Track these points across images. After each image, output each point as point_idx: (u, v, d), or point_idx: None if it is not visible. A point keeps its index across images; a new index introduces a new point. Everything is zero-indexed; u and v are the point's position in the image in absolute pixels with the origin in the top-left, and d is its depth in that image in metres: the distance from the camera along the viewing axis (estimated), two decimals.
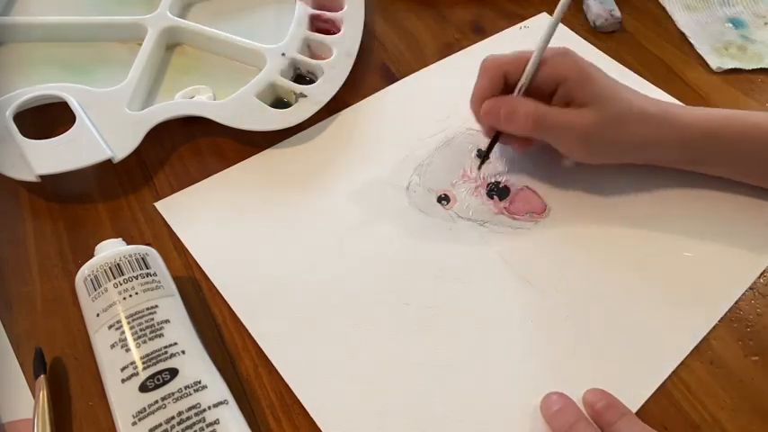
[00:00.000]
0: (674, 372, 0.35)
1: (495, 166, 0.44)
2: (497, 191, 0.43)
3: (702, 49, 0.54)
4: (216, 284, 0.37)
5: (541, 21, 0.56)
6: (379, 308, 0.37)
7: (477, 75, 0.41)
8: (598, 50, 0.53)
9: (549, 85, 0.39)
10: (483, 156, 0.43)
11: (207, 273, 0.37)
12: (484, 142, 0.44)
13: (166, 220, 0.40)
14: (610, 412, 0.32)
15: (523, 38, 0.54)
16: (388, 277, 0.38)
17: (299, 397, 0.33)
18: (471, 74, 0.41)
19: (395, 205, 0.42)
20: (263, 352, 0.34)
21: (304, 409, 0.33)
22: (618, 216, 0.41)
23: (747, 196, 0.42)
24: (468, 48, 0.53)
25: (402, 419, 0.32)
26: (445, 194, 0.42)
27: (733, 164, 0.41)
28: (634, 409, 0.33)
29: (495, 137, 0.42)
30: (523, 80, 0.39)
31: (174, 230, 0.39)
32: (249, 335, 0.35)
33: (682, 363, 0.35)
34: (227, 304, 0.36)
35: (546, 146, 0.41)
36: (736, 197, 0.42)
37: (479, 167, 0.43)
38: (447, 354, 0.35)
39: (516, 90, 0.39)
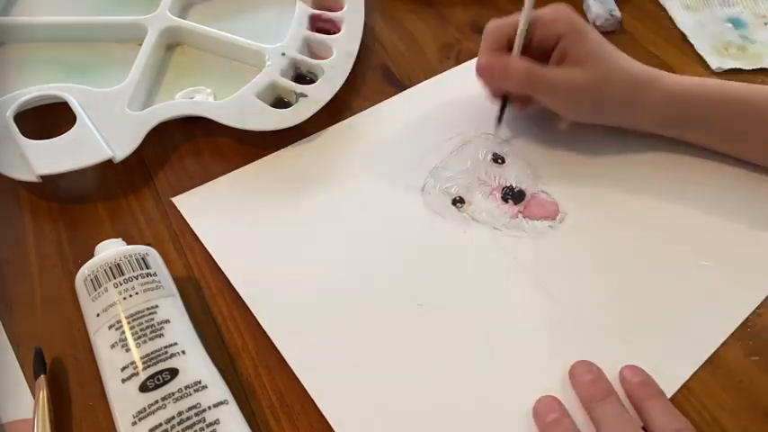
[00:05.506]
0: None
1: (511, 170, 0.44)
2: (512, 195, 0.43)
3: (702, 49, 0.54)
4: (231, 280, 0.37)
5: None
6: (393, 308, 0.36)
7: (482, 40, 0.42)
8: None
9: (549, 42, 0.41)
10: (498, 117, 0.44)
11: (223, 269, 0.37)
12: (499, 146, 0.45)
13: (183, 215, 0.40)
14: (643, 390, 0.32)
15: None
16: (402, 278, 0.38)
17: (311, 394, 0.33)
18: None
19: (409, 206, 0.42)
20: (263, 352, 0.34)
21: (304, 408, 0.33)
22: (634, 222, 0.41)
23: None
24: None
25: (412, 419, 0.32)
26: (460, 197, 0.42)
27: (711, 126, 0.42)
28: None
29: (505, 97, 0.44)
30: (518, 40, 0.40)
31: (191, 226, 0.40)
32: (249, 335, 0.35)
33: None
34: (228, 304, 0.36)
35: (561, 146, 0.42)
36: (756, 204, 0.42)
37: (496, 126, 0.45)
38: (458, 356, 0.35)
39: (514, 50, 0.41)
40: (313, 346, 0.35)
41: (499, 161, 0.44)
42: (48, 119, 0.43)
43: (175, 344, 0.31)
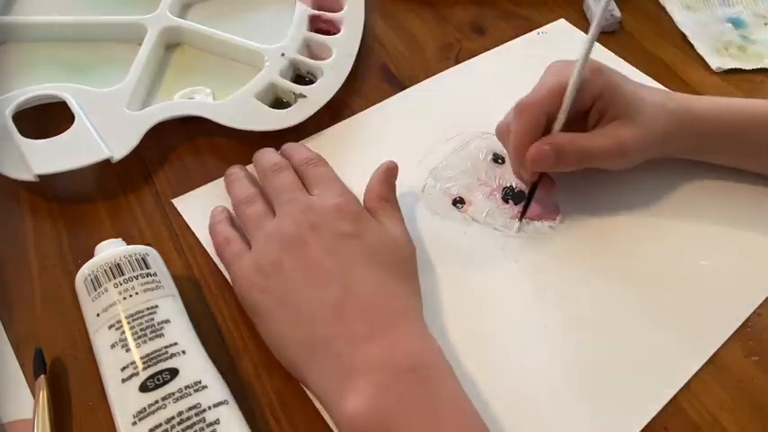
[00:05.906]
0: None
1: (511, 171, 0.43)
2: (512, 195, 0.43)
3: (702, 49, 0.54)
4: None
5: (559, 27, 0.56)
6: None
7: (513, 118, 0.39)
8: (599, 50, 0.53)
9: (586, 104, 0.39)
10: (523, 209, 0.41)
11: (223, 269, 0.37)
12: (499, 146, 0.44)
13: (183, 216, 0.40)
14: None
15: (541, 44, 0.54)
16: None
17: (310, 394, 0.33)
18: (485, 78, 0.41)
19: (409, 207, 0.41)
20: (263, 352, 0.34)
21: (304, 408, 0.33)
22: (634, 222, 0.41)
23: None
24: (483, 54, 0.52)
25: None
26: (460, 197, 0.42)
27: (740, 148, 0.42)
28: (644, 423, 0.33)
29: (534, 185, 0.40)
30: (562, 117, 0.38)
31: (191, 227, 0.39)
32: (249, 335, 0.35)
33: None
34: (228, 304, 0.36)
35: None
36: (756, 202, 0.43)
37: (521, 219, 0.41)
38: (458, 356, 0.35)
39: (556, 127, 0.38)
40: None
41: (499, 161, 0.44)
42: (46, 118, 0.43)
43: (175, 344, 0.31)
